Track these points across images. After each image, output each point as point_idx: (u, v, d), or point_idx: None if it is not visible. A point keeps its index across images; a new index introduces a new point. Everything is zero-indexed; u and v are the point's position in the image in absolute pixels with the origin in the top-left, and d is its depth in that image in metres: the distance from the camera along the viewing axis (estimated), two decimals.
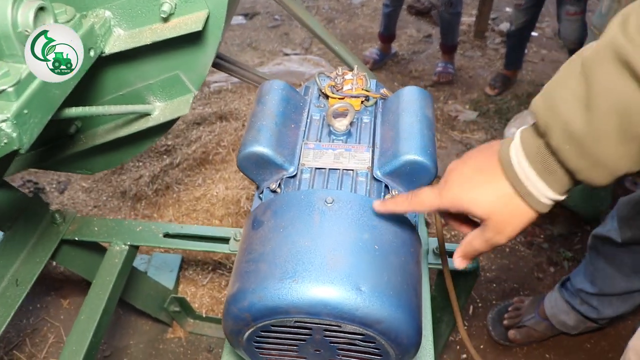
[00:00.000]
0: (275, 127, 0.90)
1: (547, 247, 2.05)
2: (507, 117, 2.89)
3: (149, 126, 0.96)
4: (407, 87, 0.97)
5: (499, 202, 0.64)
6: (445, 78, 3.26)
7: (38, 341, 1.74)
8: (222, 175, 2.05)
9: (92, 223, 1.27)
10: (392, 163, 0.86)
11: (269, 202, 0.84)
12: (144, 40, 0.82)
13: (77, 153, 1.03)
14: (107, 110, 0.85)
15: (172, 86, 0.94)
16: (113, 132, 0.99)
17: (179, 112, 0.94)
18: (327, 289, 0.71)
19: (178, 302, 1.71)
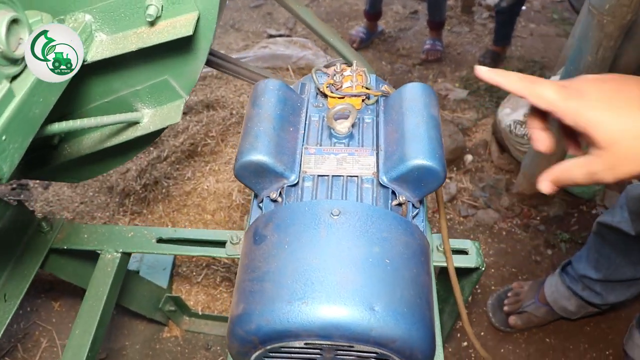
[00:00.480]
0: (274, 132, 0.85)
1: (543, 229, 2.03)
2: (498, 95, 2.85)
3: (137, 135, 0.90)
4: (410, 84, 0.92)
5: (629, 133, 0.56)
6: (433, 56, 3.21)
7: (30, 346, 1.70)
8: (212, 168, 1.99)
9: (81, 230, 1.21)
10: (399, 168, 0.81)
11: (270, 215, 0.79)
12: (129, 46, 0.75)
13: (62, 164, 0.97)
14: (93, 123, 0.79)
15: (160, 92, 0.88)
16: (99, 142, 0.93)
17: (169, 120, 0.88)
18: (339, 310, 0.67)
19: (173, 301, 1.68)
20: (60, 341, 1.70)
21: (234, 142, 2.09)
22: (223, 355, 1.70)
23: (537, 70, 2.96)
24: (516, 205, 2.15)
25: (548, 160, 1.94)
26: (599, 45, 1.52)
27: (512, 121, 2.08)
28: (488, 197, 2.22)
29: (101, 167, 1.05)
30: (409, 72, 3.17)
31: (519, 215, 2.12)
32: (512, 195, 2.18)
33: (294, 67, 2.55)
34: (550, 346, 1.70)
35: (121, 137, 0.91)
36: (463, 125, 2.65)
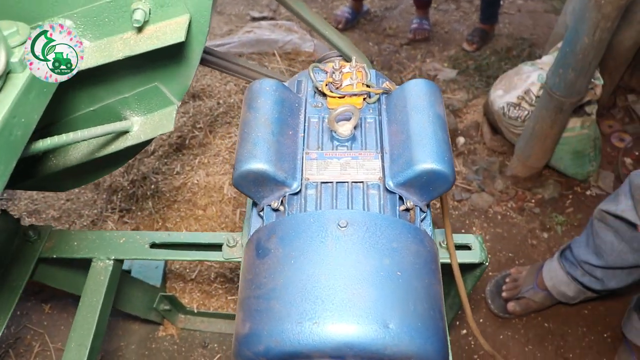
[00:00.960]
0: (273, 137, 0.81)
1: (538, 211, 2.02)
2: (487, 75, 2.81)
3: (128, 145, 0.85)
4: (414, 81, 0.88)
5: None
6: (421, 35, 3.15)
7: (22, 351, 1.66)
8: (201, 161, 1.94)
9: (70, 237, 1.16)
10: (406, 173, 0.78)
11: (273, 226, 0.76)
12: (115, 54, 0.70)
13: (47, 175, 0.91)
14: (80, 137, 0.74)
15: (150, 99, 0.83)
16: (88, 154, 0.88)
17: (161, 129, 0.83)
18: (351, 329, 0.64)
19: (168, 300, 1.64)
20: (53, 344, 1.66)
21: (222, 133, 2.03)
22: (220, 352, 1.68)
23: (527, 48, 2.93)
24: (510, 188, 2.13)
25: (542, 143, 1.92)
26: (596, 27, 1.48)
27: (505, 103, 2.04)
28: (482, 180, 2.20)
29: (89, 177, 1.00)
30: (396, 53, 3.11)
31: (513, 198, 2.11)
32: (506, 177, 2.16)
33: (280, 52, 2.48)
34: (549, 331, 1.70)
35: (110, 147, 0.86)
36: (454, 106, 2.61)
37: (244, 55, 2.45)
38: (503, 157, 2.27)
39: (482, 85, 2.74)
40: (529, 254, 1.89)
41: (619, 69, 2.12)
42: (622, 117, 2.35)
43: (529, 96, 1.95)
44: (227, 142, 2.00)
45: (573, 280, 1.57)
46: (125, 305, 1.51)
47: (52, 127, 0.82)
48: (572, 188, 2.07)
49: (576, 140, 1.95)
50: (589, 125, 1.95)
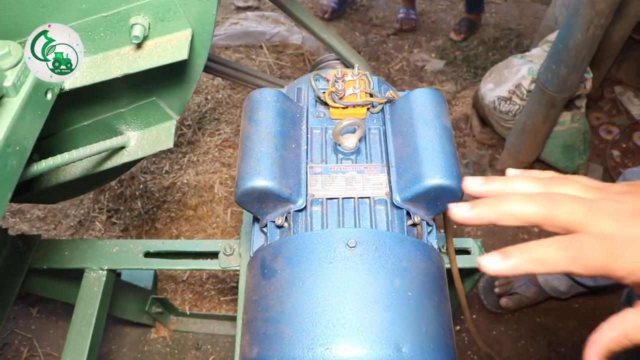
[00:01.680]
0: (276, 152, 0.78)
1: None
2: (475, 65, 2.81)
3: (124, 162, 0.82)
4: (418, 90, 0.86)
5: None
6: (408, 25, 3.12)
7: (10, 357, 1.62)
8: (190, 159, 1.90)
9: (61, 247, 1.13)
10: (414, 188, 0.76)
11: (279, 246, 0.74)
12: (113, 71, 0.66)
13: (38, 191, 0.88)
14: (75, 156, 0.70)
15: (148, 113, 0.79)
16: (81, 170, 0.84)
17: (160, 145, 0.79)
18: (365, 355, 0.63)
19: (159, 303, 1.61)
20: (42, 349, 1.63)
21: (211, 130, 1.99)
22: (214, 354, 1.66)
23: (514, 39, 2.92)
24: None
25: (534, 137, 1.92)
26: (590, 24, 1.48)
27: (496, 97, 2.04)
28: (472, 173, 2.20)
29: (81, 191, 0.96)
30: (383, 43, 3.09)
31: None
32: (496, 171, 2.16)
33: (267, 44, 2.44)
34: (541, 326, 1.72)
35: (106, 164, 0.82)
36: None
37: (230, 48, 2.40)
38: (493, 150, 2.27)
39: (470, 77, 2.73)
40: None
41: (607, 61, 2.13)
42: (609, 109, 2.36)
43: (520, 90, 1.95)
44: (217, 140, 1.97)
45: (565, 275, 1.58)
46: (116, 310, 1.48)
47: (44, 140, 0.79)
48: None
49: (567, 134, 1.95)
50: (579, 119, 1.95)
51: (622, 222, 0.44)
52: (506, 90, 1.99)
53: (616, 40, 1.95)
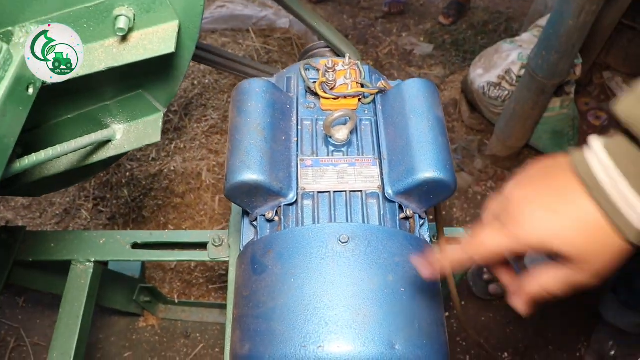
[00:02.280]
0: (266, 145, 0.77)
1: None
2: (464, 50, 2.79)
3: (109, 156, 0.79)
4: (410, 81, 0.84)
5: (583, 231, 0.51)
6: (396, 8, 3.09)
7: None
8: (177, 146, 1.87)
9: (47, 238, 1.11)
10: (407, 181, 0.75)
11: (269, 241, 0.72)
12: (97, 65, 0.63)
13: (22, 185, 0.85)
14: (60, 152, 0.68)
15: (134, 106, 0.77)
16: (66, 164, 0.82)
17: (147, 139, 0.77)
18: (358, 353, 0.62)
19: (148, 291, 1.60)
20: (29, 339, 1.61)
21: (198, 116, 1.96)
22: (203, 342, 1.65)
23: (503, 23, 2.90)
24: (490, 167, 2.14)
25: (523, 124, 1.91)
26: (582, 10, 1.46)
27: (485, 83, 2.03)
28: (461, 159, 2.19)
29: (62, 184, 0.94)
30: (371, 27, 3.05)
31: (492, 178, 2.11)
32: (485, 157, 2.16)
33: (255, 28, 2.40)
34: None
35: (92, 158, 0.80)
36: None
37: (217, 32, 2.36)
38: (482, 135, 2.27)
39: (459, 61, 2.71)
40: None
41: (596, 47, 2.12)
42: (597, 94, 2.36)
43: (510, 76, 1.94)
44: (204, 126, 1.94)
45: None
46: (104, 299, 1.47)
47: (27, 133, 0.76)
48: None
49: (556, 120, 1.95)
50: (568, 105, 1.95)
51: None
52: (495, 75, 1.98)
53: (606, 26, 1.94)
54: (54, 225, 1.75)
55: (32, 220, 1.78)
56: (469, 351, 1.68)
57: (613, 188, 0.49)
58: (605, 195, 0.49)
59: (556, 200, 0.52)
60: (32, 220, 1.78)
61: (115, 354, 1.62)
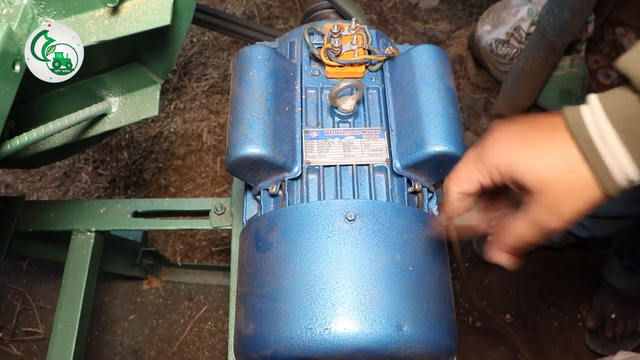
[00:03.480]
0: (269, 116, 0.73)
1: None
2: (471, 3, 2.69)
3: (106, 130, 0.76)
4: (420, 47, 0.80)
5: (557, 169, 0.50)
6: None
7: (5, 310, 1.61)
8: (177, 106, 1.83)
9: (46, 208, 1.09)
10: (416, 155, 0.72)
11: (273, 217, 0.70)
12: (87, 38, 0.59)
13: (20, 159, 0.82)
14: (54, 129, 0.65)
15: (129, 78, 0.73)
16: (62, 138, 0.78)
17: (145, 113, 0.73)
18: (365, 334, 0.61)
19: (150, 255, 1.59)
20: (34, 303, 1.62)
21: (197, 75, 1.91)
22: (207, 304, 1.66)
23: None
24: None
25: (531, 83, 1.86)
26: None
27: (493, 40, 1.96)
28: (466, 118, 2.15)
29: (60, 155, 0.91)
30: None
31: None
32: (491, 116, 2.12)
33: None
34: (532, 274, 1.73)
35: (87, 133, 0.77)
36: (437, 38, 2.51)
37: None
38: (488, 93, 2.22)
39: (465, 15, 2.63)
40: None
41: (609, 2, 2.04)
42: (609, 51, 2.29)
43: (519, 33, 1.87)
44: (204, 85, 1.89)
45: None
46: (107, 265, 1.47)
47: (19, 106, 0.73)
48: None
49: (565, 79, 1.90)
50: (578, 63, 1.90)
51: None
52: (504, 32, 1.92)
53: None
54: (54, 189, 1.73)
55: (32, 183, 1.76)
56: (472, 313, 1.68)
57: (600, 138, 0.48)
58: (590, 143, 0.48)
59: (536, 137, 0.52)
60: (32, 184, 1.76)
61: (120, 317, 1.63)
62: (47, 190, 1.74)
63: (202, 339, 1.60)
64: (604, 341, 1.60)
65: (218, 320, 1.64)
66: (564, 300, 1.68)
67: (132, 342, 1.59)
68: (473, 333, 1.66)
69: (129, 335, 1.60)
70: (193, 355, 1.58)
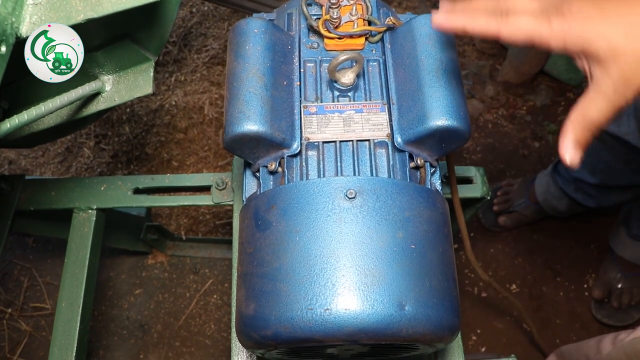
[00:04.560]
0: (266, 92, 0.71)
1: (530, 119, 1.97)
2: None
3: (100, 110, 0.74)
4: (422, 17, 0.77)
5: (631, 35, 0.47)
6: None
7: (12, 286, 1.63)
8: (178, 78, 1.80)
9: (47, 186, 1.08)
10: (418, 129, 0.70)
11: (272, 195, 0.69)
12: (75, 16, 0.57)
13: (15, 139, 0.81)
14: (46, 110, 0.64)
15: (122, 55, 0.71)
16: (57, 118, 0.77)
17: (139, 91, 0.72)
18: (366, 314, 0.60)
19: (155, 230, 1.59)
20: (41, 279, 1.63)
21: (198, 47, 1.88)
22: (212, 277, 1.67)
23: None
24: (501, 94, 2.06)
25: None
26: None
27: None
28: (472, 85, 2.11)
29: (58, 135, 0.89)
30: None
31: (504, 105, 2.04)
32: (496, 83, 2.08)
33: None
34: (538, 243, 1.72)
35: (81, 112, 0.75)
36: None
37: None
38: (493, 60, 2.17)
39: None
40: (520, 165, 1.86)
41: None
42: None
43: None
44: (204, 57, 1.86)
45: (565, 196, 1.56)
46: (111, 241, 1.47)
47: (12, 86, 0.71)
48: (565, 94, 2.01)
49: None
50: None
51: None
52: None
53: None
54: (57, 165, 1.73)
55: (35, 159, 1.75)
56: (477, 283, 1.68)
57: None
58: None
59: (618, 4, 0.49)
60: (35, 159, 1.75)
61: (126, 291, 1.64)
62: (49, 166, 1.73)
63: (208, 312, 1.62)
64: (610, 311, 1.60)
65: (223, 294, 1.65)
66: (570, 270, 1.67)
67: (139, 316, 1.61)
68: (478, 303, 1.66)
69: (135, 309, 1.62)
70: (199, 329, 1.60)
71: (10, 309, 1.57)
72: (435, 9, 0.60)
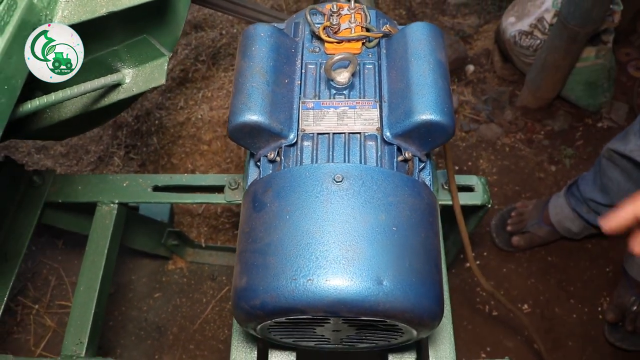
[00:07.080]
0: (267, 87, 0.78)
1: (547, 144, 1.99)
2: None
3: (120, 99, 0.83)
4: (415, 24, 0.84)
5: None
6: None
7: (40, 285, 1.72)
8: (205, 94, 1.91)
9: (74, 181, 1.17)
10: (405, 123, 0.76)
11: (269, 180, 0.75)
12: (99, 9, 0.65)
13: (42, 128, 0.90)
14: (70, 94, 0.72)
15: (140, 50, 0.79)
16: (82, 107, 0.86)
17: (154, 82, 0.80)
18: (345, 286, 0.65)
19: (175, 236, 1.67)
20: (68, 278, 1.72)
21: (225, 66, 1.99)
22: (229, 284, 1.73)
23: None
24: (520, 119, 2.09)
25: (554, 74, 1.86)
26: None
27: (517, 31, 1.96)
28: (491, 110, 2.15)
29: (85, 127, 0.99)
30: None
31: (522, 129, 2.07)
32: (515, 108, 2.11)
33: None
34: (552, 265, 1.72)
35: (104, 101, 0.84)
36: (464, 32, 2.51)
37: None
38: (513, 86, 2.21)
39: (494, 10, 2.62)
40: (536, 188, 1.88)
41: None
42: None
43: (542, 24, 1.87)
44: (231, 75, 1.96)
45: (578, 217, 1.57)
46: (134, 242, 1.54)
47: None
48: (583, 120, 2.03)
49: (589, 70, 1.88)
50: (604, 55, 1.88)
51: None
52: (528, 24, 1.92)
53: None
54: (89, 172, 1.83)
55: (69, 167, 1.86)
56: (489, 301, 1.69)
57: None
58: None
59: None
60: (69, 168, 1.87)
61: (146, 294, 1.71)
62: (82, 173, 1.84)
63: (223, 318, 1.67)
64: (624, 334, 1.58)
65: None
66: (584, 292, 1.67)
67: (156, 318, 1.67)
68: (489, 321, 1.67)
69: (153, 312, 1.68)
70: (214, 333, 1.65)
71: (37, 305, 1.66)
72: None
